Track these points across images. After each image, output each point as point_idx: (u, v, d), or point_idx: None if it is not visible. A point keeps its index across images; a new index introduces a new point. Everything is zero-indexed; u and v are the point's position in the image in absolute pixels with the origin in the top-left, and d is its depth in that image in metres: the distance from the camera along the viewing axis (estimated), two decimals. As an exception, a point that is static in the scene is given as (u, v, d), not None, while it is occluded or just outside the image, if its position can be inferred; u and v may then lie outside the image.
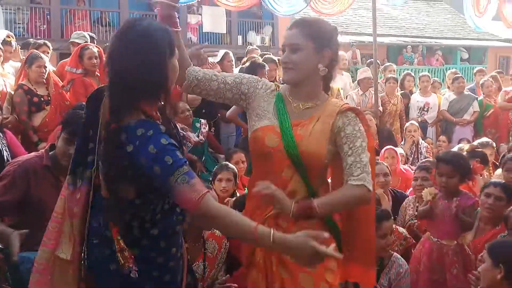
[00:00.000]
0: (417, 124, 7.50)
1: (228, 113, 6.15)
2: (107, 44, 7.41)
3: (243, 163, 5.46)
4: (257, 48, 8.73)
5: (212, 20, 17.22)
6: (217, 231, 3.69)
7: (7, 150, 4.82)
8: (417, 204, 4.65)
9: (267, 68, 6.32)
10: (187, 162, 2.00)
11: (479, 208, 3.90)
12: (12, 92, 5.85)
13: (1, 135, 5.20)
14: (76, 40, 7.06)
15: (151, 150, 1.94)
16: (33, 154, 3.50)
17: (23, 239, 2.94)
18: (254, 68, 6.12)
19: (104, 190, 2.10)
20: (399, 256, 3.62)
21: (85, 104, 2.24)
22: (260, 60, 6.68)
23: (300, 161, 2.34)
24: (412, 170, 5.81)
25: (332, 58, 2.40)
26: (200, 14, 17.31)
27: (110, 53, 2.07)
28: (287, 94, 2.46)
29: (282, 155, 2.36)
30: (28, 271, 3.04)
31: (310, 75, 2.38)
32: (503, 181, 4.13)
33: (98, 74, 6.16)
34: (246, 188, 5.08)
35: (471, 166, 4.28)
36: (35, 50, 6.25)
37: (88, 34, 7.60)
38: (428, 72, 11.70)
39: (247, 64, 6.35)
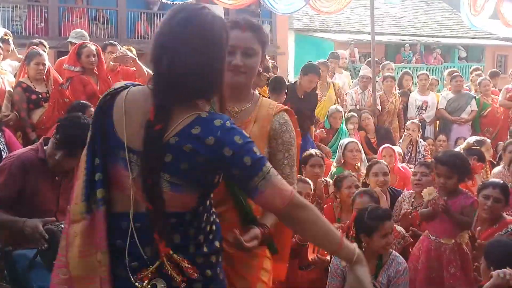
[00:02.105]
0: (418, 123, 7.51)
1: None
2: (106, 42, 7.47)
3: None
4: None
5: (210, 18, 17.20)
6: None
7: (5, 148, 4.82)
8: (412, 199, 4.67)
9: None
10: None
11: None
12: (11, 90, 5.85)
13: (0, 133, 5.20)
14: (74, 41, 7.04)
15: (238, 141, 1.77)
16: (27, 147, 3.49)
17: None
18: None
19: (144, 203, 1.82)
20: (398, 254, 3.62)
21: (94, 115, 1.95)
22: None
23: None
24: (410, 168, 5.83)
25: (263, 61, 2.42)
26: (198, 12, 17.27)
27: (163, 45, 1.82)
28: None
29: None
30: (24, 268, 3.06)
31: (253, 79, 2.39)
32: (501, 181, 4.13)
33: (96, 72, 6.15)
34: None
35: (471, 166, 4.28)
36: (35, 47, 6.24)
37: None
38: (426, 70, 11.73)
39: None
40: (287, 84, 6.50)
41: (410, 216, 4.42)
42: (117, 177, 1.86)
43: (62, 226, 2.93)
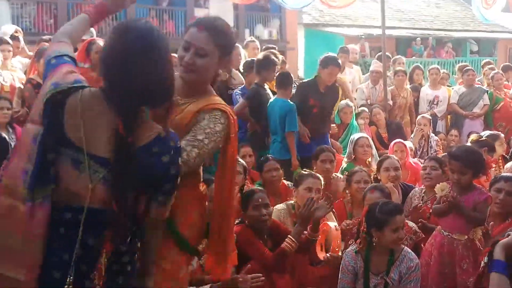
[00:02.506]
0: (428, 118, 7.45)
1: (235, 107, 6.13)
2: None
3: (250, 157, 5.44)
4: (254, 40, 8.66)
5: (219, 14, 16.92)
6: None
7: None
8: (423, 195, 4.63)
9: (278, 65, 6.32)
10: None
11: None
12: (22, 87, 5.88)
13: (11, 130, 5.23)
14: (83, 37, 7.03)
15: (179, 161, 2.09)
16: None
17: None
18: (266, 64, 6.09)
19: (109, 203, 1.97)
20: (409, 250, 3.60)
21: (43, 111, 1.99)
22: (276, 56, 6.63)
23: None
24: (422, 163, 5.78)
25: (228, 63, 2.46)
26: (208, 8, 17.27)
27: (108, 56, 1.97)
28: None
29: None
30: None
31: (207, 80, 2.40)
32: None
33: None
34: (255, 183, 5.09)
35: (485, 161, 4.23)
36: (46, 44, 6.26)
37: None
38: (438, 64, 11.64)
39: (260, 57, 6.29)
40: (304, 79, 6.50)
41: (420, 210, 4.39)
42: (60, 173, 1.96)
43: None
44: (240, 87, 6.47)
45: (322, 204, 3.79)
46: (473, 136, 5.80)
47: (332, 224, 3.98)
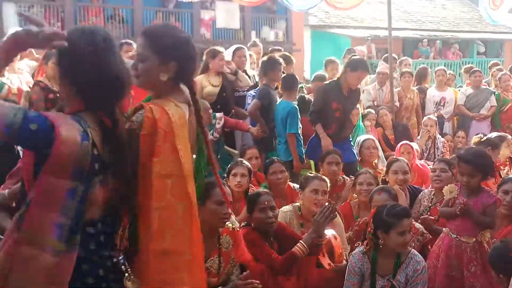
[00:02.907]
0: (434, 119, 7.42)
1: (248, 108, 6.17)
2: (122, 41, 7.50)
3: (256, 159, 5.45)
4: (259, 43, 8.69)
5: (226, 16, 17.19)
6: (231, 226, 3.70)
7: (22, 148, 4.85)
8: (432, 197, 4.62)
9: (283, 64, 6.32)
10: None
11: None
12: (29, 89, 5.90)
13: (18, 133, 5.24)
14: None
15: None
16: None
17: None
18: (271, 64, 6.10)
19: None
20: (416, 252, 3.59)
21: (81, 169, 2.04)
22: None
23: None
24: (428, 165, 5.77)
25: (177, 69, 2.36)
26: (214, 10, 17.30)
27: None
28: None
29: None
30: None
31: (155, 83, 2.38)
32: None
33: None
34: (260, 185, 5.09)
35: (494, 163, 4.21)
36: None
37: None
38: (444, 66, 11.60)
39: (265, 59, 6.32)
40: (327, 81, 6.47)
41: (428, 218, 4.36)
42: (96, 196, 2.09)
43: None
44: (254, 90, 6.49)
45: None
46: (475, 138, 5.79)
47: (330, 232, 3.91)
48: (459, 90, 9.14)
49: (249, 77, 6.93)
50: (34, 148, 1.99)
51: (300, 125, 5.95)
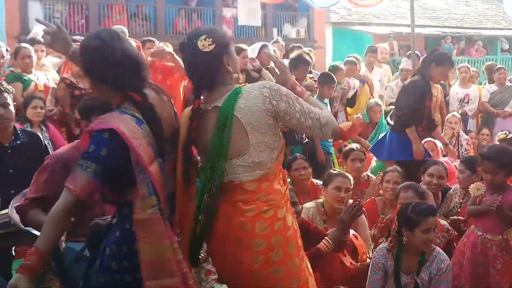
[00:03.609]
0: (458, 116, 7.37)
1: None
2: (144, 38, 7.58)
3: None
4: (281, 41, 8.66)
5: (247, 13, 17.18)
6: None
7: (49, 143, 4.92)
8: (464, 193, 4.56)
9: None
10: None
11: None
12: (55, 86, 5.97)
13: (44, 129, 5.32)
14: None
15: None
16: (69, 145, 3.52)
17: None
18: (297, 63, 6.10)
19: None
20: (441, 251, 3.57)
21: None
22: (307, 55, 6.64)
23: None
24: (452, 162, 5.72)
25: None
26: (235, 7, 17.32)
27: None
28: None
29: None
30: (71, 261, 3.11)
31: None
32: None
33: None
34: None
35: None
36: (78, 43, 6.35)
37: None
38: (468, 63, 11.50)
39: (293, 56, 6.33)
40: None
41: (458, 219, 4.32)
42: None
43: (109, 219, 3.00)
44: None
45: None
46: (501, 135, 5.73)
47: (350, 232, 3.88)
48: (483, 87, 9.05)
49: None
50: (125, 159, 2.24)
51: None
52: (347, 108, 7.77)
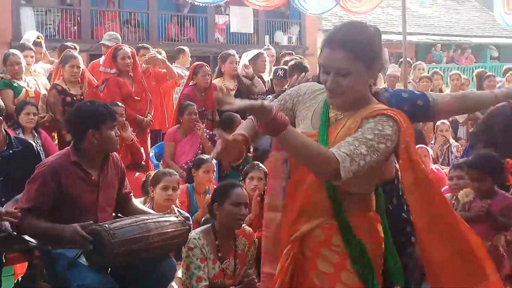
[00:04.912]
0: (448, 124, 7.42)
1: None
2: (139, 45, 7.59)
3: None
4: (272, 48, 8.68)
5: (240, 20, 17.27)
6: (247, 228, 3.73)
7: (41, 149, 4.93)
8: (453, 202, 4.59)
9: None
10: None
11: None
12: (46, 92, 5.97)
13: (36, 135, 5.32)
14: (108, 43, 7.16)
15: None
16: (58, 153, 3.50)
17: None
18: (292, 69, 6.08)
19: None
20: None
21: None
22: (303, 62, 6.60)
23: None
24: (443, 170, 5.76)
25: (381, 66, 2.19)
26: (228, 14, 17.38)
27: None
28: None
29: None
30: (63, 267, 3.11)
31: (361, 93, 2.17)
32: None
33: (132, 74, 6.23)
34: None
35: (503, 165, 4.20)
36: (70, 50, 6.36)
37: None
38: (458, 70, 11.59)
39: (292, 63, 6.28)
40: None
41: None
42: None
43: (106, 226, 2.99)
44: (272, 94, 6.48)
45: None
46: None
47: None
48: (474, 94, 9.10)
49: (264, 82, 6.94)
50: None
51: None
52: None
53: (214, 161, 4.69)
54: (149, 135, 6.53)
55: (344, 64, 2.07)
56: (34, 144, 4.73)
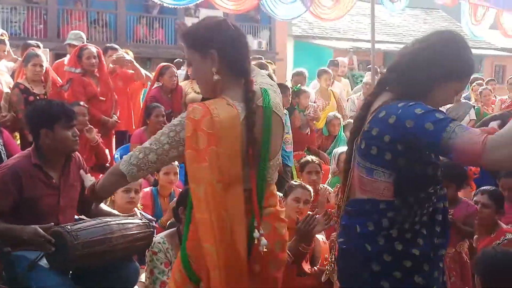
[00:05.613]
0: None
1: None
2: (107, 45, 7.48)
3: None
4: None
5: (210, 24, 17.23)
6: None
7: (3, 149, 4.79)
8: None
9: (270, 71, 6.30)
10: None
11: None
12: (9, 91, 5.84)
13: (-2, 134, 5.18)
14: (73, 42, 7.04)
15: (418, 111, 1.97)
16: (20, 154, 3.42)
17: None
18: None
19: None
20: None
21: None
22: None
23: None
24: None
25: (219, 56, 2.20)
26: (198, 17, 17.30)
27: None
28: None
29: None
30: (23, 270, 3.02)
31: (208, 82, 2.24)
32: (492, 187, 4.07)
33: (97, 74, 6.14)
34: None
35: (466, 172, 4.24)
36: (34, 48, 6.23)
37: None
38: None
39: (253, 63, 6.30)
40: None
41: None
42: None
43: (69, 227, 2.94)
44: None
45: (319, 219, 3.74)
46: None
47: (320, 237, 3.95)
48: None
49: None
50: None
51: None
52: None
53: (176, 163, 4.61)
54: (115, 136, 6.43)
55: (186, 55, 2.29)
56: (-5, 144, 4.60)
